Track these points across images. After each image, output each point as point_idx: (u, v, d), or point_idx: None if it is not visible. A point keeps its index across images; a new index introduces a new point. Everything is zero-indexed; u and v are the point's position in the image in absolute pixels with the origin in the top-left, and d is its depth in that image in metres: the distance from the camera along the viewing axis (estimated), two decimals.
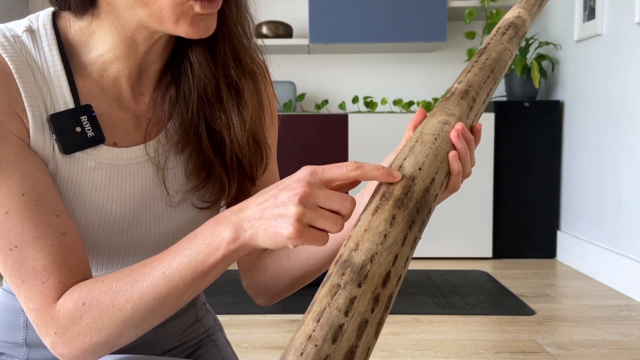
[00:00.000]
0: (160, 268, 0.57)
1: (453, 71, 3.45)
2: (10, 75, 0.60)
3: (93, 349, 0.58)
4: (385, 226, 0.50)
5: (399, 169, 0.56)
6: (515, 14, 0.81)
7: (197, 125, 0.69)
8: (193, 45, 0.69)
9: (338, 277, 0.47)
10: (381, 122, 2.96)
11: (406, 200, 0.53)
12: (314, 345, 0.43)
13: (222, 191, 0.71)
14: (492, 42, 0.76)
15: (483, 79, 0.70)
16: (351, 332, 0.44)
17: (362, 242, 0.49)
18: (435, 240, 3.00)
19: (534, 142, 2.99)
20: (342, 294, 0.46)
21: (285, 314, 2.10)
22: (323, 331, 0.44)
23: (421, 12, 3.06)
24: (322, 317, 0.44)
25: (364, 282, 0.47)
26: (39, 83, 0.62)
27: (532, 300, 2.29)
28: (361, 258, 0.48)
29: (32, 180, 0.59)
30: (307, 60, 3.50)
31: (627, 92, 2.42)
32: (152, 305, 0.57)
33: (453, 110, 0.64)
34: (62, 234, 0.60)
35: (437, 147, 0.59)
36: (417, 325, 1.99)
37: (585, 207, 2.79)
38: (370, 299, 0.46)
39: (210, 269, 0.56)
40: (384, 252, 0.49)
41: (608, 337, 1.88)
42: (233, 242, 0.54)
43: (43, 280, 0.58)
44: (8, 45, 0.62)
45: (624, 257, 2.40)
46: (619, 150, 2.48)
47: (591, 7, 2.69)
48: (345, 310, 0.45)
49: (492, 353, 1.75)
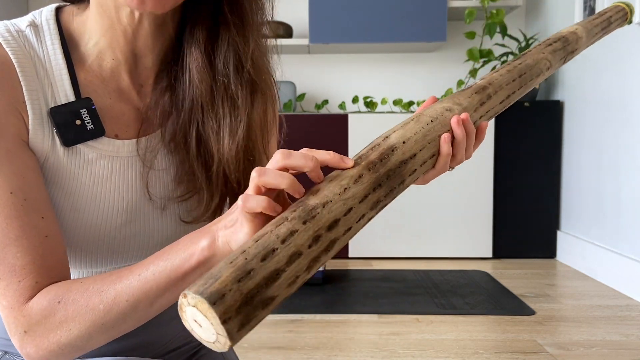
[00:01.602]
0: (138, 271, 0.57)
1: (453, 71, 3.45)
2: (12, 70, 0.61)
3: (60, 350, 0.58)
4: (348, 181, 0.52)
5: (385, 138, 0.57)
6: (572, 30, 0.80)
7: (186, 132, 0.69)
8: (192, 50, 0.68)
9: (289, 212, 0.50)
10: (381, 122, 2.96)
11: (379, 165, 0.55)
12: (245, 258, 0.46)
13: (201, 203, 0.70)
14: (534, 49, 0.75)
15: (507, 81, 0.69)
16: (282, 257, 0.47)
17: (321, 190, 0.51)
18: (435, 240, 3.00)
19: (534, 142, 2.99)
20: (286, 225, 0.48)
21: (285, 314, 2.10)
22: (256, 249, 0.46)
23: (421, 12, 3.06)
24: (261, 239, 0.47)
25: (309, 221, 0.49)
26: (40, 77, 0.63)
27: (532, 300, 2.29)
28: (315, 202, 0.50)
29: (21, 180, 0.59)
30: (307, 60, 3.50)
31: (627, 92, 2.42)
32: (123, 309, 0.57)
33: (461, 101, 0.65)
34: (45, 236, 0.60)
35: (430, 128, 0.60)
36: (417, 325, 1.99)
37: (585, 207, 2.79)
38: (311, 237, 0.49)
39: (184, 275, 0.56)
40: (339, 202, 0.51)
41: (608, 337, 1.88)
42: (207, 250, 0.55)
43: (20, 279, 0.58)
44: (11, 39, 0.63)
45: (624, 257, 2.40)
46: (619, 150, 2.48)
47: (591, 7, 2.69)
48: (283, 239, 0.47)
49: (492, 353, 1.75)
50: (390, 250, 2.99)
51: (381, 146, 0.56)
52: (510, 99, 0.70)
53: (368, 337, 1.89)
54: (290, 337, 1.88)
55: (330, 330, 1.95)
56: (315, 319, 2.06)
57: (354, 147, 2.94)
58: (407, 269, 2.77)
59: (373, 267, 2.84)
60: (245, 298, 0.44)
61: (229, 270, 0.45)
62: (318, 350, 1.77)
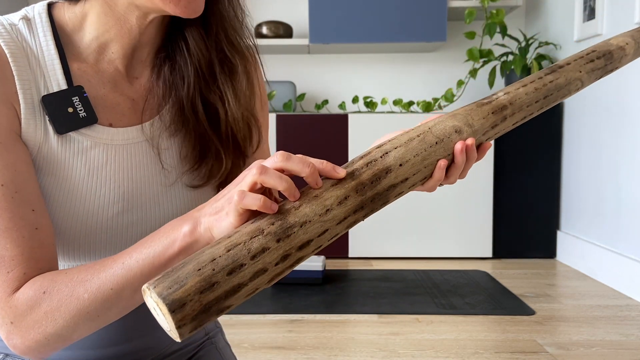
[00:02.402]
0: (122, 260, 0.58)
1: (453, 71, 3.45)
2: (5, 61, 0.62)
3: (47, 341, 0.58)
4: (332, 202, 0.52)
5: (383, 155, 0.56)
6: (621, 44, 0.73)
7: (193, 99, 0.71)
8: (188, 25, 0.71)
9: (267, 223, 0.50)
10: (381, 122, 2.96)
11: (368, 187, 0.54)
12: (212, 269, 0.47)
13: (218, 168, 0.73)
14: (573, 63, 0.69)
15: (530, 101, 0.66)
16: (248, 273, 0.48)
17: (305, 205, 0.51)
18: (435, 240, 3.00)
19: (534, 142, 2.99)
20: (259, 240, 0.49)
21: (285, 313, 2.10)
22: (226, 261, 0.48)
23: (421, 12, 3.06)
24: (233, 250, 0.48)
25: (283, 240, 0.50)
26: (33, 67, 0.64)
27: (532, 300, 2.29)
28: (294, 219, 0.51)
29: (12, 172, 0.60)
30: (307, 60, 3.50)
31: (627, 92, 2.42)
32: (108, 297, 0.57)
33: (474, 122, 0.62)
34: (35, 228, 0.60)
35: (432, 151, 0.59)
36: (417, 325, 1.99)
37: (585, 207, 2.79)
38: (280, 255, 0.50)
39: (167, 261, 0.56)
40: (317, 223, 0.51)
41: (608, 337, 1.88)
42: (190, 235, 0.55)
43: (9, 270, 0.59)
44: (4, 31, 0.64)
45: (624, 257, 2.40)
46: (618, 150, 2.49)
47: (591, 7, 2.69)
48: (253, 255, 0.48)
49: (492, 353, 1.75)
50: (390, 250, 2.99)
51: (377, 165, 0.56)
52: (525, 120, 0.67)
53: (368, 337, 1.89)
54: (290, 337, 1.88)
55: (330, 330, 1.95)
56: (315, 319, 2.06)
57: (354, 147, 2.94)
58: (407, 269, 2.77)
59: (373, 267, 2.84)
60: (203, 308, 0.46)
61: (195, 279, 0.46)
62: (318, 350, 1.77)
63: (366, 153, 0.57)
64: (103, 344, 0.73)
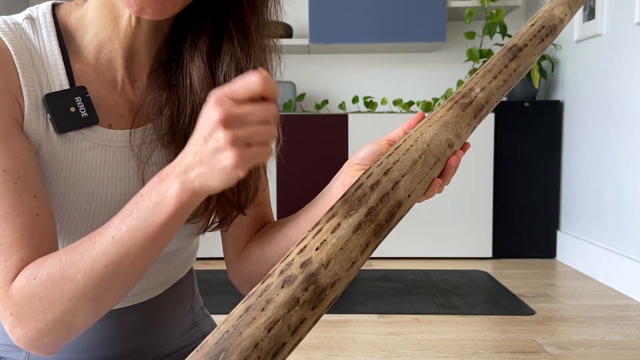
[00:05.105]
0: (109, 234, 0.55)
1: (453, 71, 3.45)
2: (9, 56, 0.62)
3: (49, 328, 0.56)
4: (357, 253, 0.51)
5: (395, 185, 0.55)
6: (562, 15, 0.72)
7: (186, 134, 0.69)
8: (194, 58, 0.69)
9: (301, 290, 0.48)
10: (381, 122, 2.96)
11: (384, 227, 0.54)
12: (257, 356, 0.45)
13: None
14: (530, 45, 0.69)
15: (500, 95, 0.66)
16: (287, 349, 0.47)
17: (333, 262, 0.50)
18: (435, 240, 3.00)
19: (534, 142, 2.99)
20: (298, 312, 0.47)
21: None
22: (269, 345, 0.46)
23: (421, 12, 3.06)
24: (274, 328, 0.46)
25: (318, 307, 0.48)
26: (36, 65, 0.64)
27: (532, 300, 2.29)
28: (326, 281, 0.49)
29: (15, 159, 0.60)
30: (307, 60, 3.50)
31: (627, 92, 2.42)
32: (104, 274, 0.55)
33: (461, 132, 0.62)
34: (35, 214, 0.59)
35: (432, 172, 0.59)
36: (417, 325, 1.99)
37: (585, 207, 2.79)
38: (314, 322, 0.49)
39: (162, 227, 0.54)
40: (345, 279, 0.50)
41: (608, 337, 1.88)
42: (183, 194, 0.53)
43: (7, 257, 0.57)
44: (8, 30, 0.64)
45: (624, 257, 2.40)
46: (618, 150, 2.49)
47: (591, 7, 2.69)
48: (293, 330, 0.47)
49: (492, 353, 1.75)
50: (390, 250, 2.99)
51: (390, 200, 0.54)
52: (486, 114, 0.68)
53: (368, 337, 1.89)
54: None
55: (330, 330, 1.95)
56: None
57: (354, 147, 2.94)
58: (407, 269, 2.77)
59: (373, 267, 2.84)
60: None
61: None
62: (318, 350, 1.77)
63: (375, 182, 0.55)
64: (98, 346, 0.72)
